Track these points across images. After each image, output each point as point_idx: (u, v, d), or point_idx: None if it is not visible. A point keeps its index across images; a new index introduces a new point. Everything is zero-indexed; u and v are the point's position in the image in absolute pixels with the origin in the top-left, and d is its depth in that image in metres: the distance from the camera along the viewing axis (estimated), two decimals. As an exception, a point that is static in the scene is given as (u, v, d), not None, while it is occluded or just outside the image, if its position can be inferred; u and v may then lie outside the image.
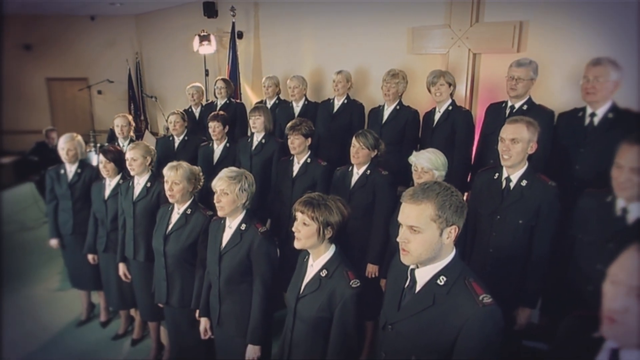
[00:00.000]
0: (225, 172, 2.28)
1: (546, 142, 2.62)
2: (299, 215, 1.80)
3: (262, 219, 2.95)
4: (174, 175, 2.56)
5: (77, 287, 3.88)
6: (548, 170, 2.48)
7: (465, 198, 2.78)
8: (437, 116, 3.23)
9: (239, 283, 2.25)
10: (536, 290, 2.22)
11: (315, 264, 1.85)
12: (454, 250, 1.46)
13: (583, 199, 2.06)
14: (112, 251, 3.28)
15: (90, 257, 3.48)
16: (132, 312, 3.67)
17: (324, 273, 1.80)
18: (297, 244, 1.82)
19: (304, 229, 1.78)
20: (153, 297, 2.82)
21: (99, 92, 8.54)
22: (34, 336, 3.68)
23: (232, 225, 2.30)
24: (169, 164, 2.62)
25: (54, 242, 3.69)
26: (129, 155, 2.98)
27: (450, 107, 3.21)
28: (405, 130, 3.38)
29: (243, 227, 2.27)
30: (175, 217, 2.66)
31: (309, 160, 3.10)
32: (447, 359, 1.37)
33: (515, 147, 2.13)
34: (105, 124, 7.33)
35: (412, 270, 1.48)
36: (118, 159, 3.23)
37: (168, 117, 4.04)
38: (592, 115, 2.51)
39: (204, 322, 2.47)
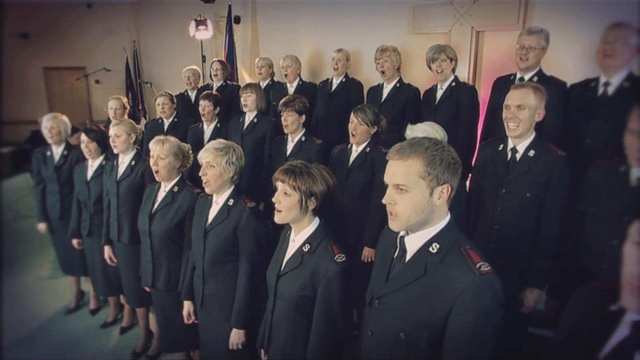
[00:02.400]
0: (211, 144, 2.13)
1: (557, 115, 2.44)
2: (279, 184, 1.64)
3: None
4: (160, 150, 2.41)
5: (67, 273, 3.75)
6: (558, 145, 2.30)
7: (467, 183, 2.60)
8: (439, 93, 3.05)
9: (225, 263, 2.09)
10: (545, 270, 2.04)
11: (297, 239, 1.70)
12: (449, 215, 1.29)
13: (594, 170, 1.89)
14: (96, 235, 3.14)
15: (74, 241, 3.34)
16: (122, 299, 3.53)
17: (306, 248, 1.64)
18: (278, 218, 1.65)
19: (285, 200, 1.62)
20: (139, 282, 2.67)
21: (97, 82, 8.40)
22: (21, 324, 3.55)
23: (219, 200, 2.14)
24: (155, 138, 2.47)
25: (42, 227, 3.57)
26: (112, 131, 2.83)
27: (453, 84, 3.02)
28: (406, 109, 3.21)
29: (230, 202, 2.11)
30: (161, 195, 2.51)
31: (303, 139, 2.94)
32: (439, 335, 1.20)
33: (522, 114, 1.95)
34: (103, 114, 7.20)
35: (402, 237, 1.32)
36: (101, 139, 3.08)
37: (156, 99, 3.89)
38: (606, 84, 2.33)
39: (187, 306, 2.32)
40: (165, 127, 3.90)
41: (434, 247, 1.25)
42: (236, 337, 2.06)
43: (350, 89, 3.61)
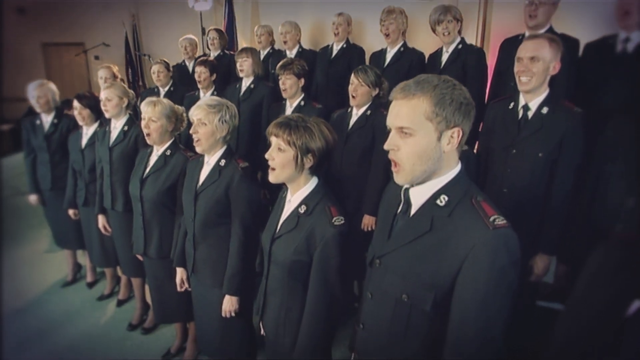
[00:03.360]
0: (204, 101, 2.02)
1: (570, 76, 2.29)
2: (273, 139, 1.51)
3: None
4: (151, 112, 2.29)
5: (62, 246, 3.68)
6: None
7: (475, 149, 2.47)
8: (444, 57, 2.90)
9: (216, 226, 1.99)
10: (557, 235, 1.92)
11: (293, 199, 1.57)
12: (459, 164, 1.15)
13: (612, 124, 1.75)
14: (92, 204, 3.04)
15: (71, 212, 3.26)
16: (119, 271, 3.46)
17: (302, 209, 1.51)
18: (271, 176, 1.52)
19: (279, 156, 1.49)
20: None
21: (96, 58, 8.24)
22: (17, 296, 3.50)
23: (210, 161, 2.03)
24: (147, 99, 2.35)
25: (33, 198, 3.48)
26: (103, 95, 2.71)
27: (460, 46, 2.87)
28: (410, 74, 3.03)
29: (222, 162, 2.00)
30: (153, 159, 2.40)
31: (302, 103, 2.81)
32: (446, 297, 1.08)
33: (535, 67, 1.81)
34: (103, 90, 7.09)
35: (406, 190, 1.18)
36: (94, 105, 2.95)
37: (151, 68, 3.75)
38: (626, 41, 2.17)
39: (179, 273, 2.23)
40: (162, 96, 3.77)
41: (442, 200, 1.11)
42: (229, 304, 1.96)
43: (351, 55, 3.46)
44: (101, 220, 2.93)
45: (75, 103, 2.98)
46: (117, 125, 2.78)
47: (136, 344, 2.95)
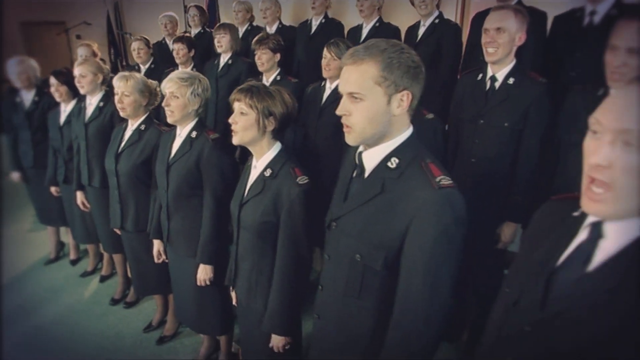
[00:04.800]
0: (175, 74, 2.02)
1: (538, 48, 2.32)
2: (236, 104, 1.55)
3: (230, 147, 2.72)
4: (124, 86, 2.29)
5: (45, 224, 3.69)
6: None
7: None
8: (421, 30, 2.91)
9: (189, 197, 2.02)
10: (523, 203, 1.97)
11: (258, 165, 1.61)
12: (411, 127, 1.19)
13: (571, 95, 1.80)
14: (72, 182, 3.04)
15: (52, 189, 3.27)
16: (101, 248, 3.49)
17: (268, 173, 1.56)
18: (235, 139, 1.57)
19: (242, 119, 1.53)
20: (113, 227, 2.62)
21: (78, 37, 8.08)
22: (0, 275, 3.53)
23: (182, 133, 2.05)
24: (119, 74, 2.35)
25: (15, 176, 3.48)
26: (77, 71, 2.69)
27: (436, 20, 2.88)
28: (386, 49, 3.06)
29: (194, 134, 2.02)
30: (128, 133, 2.41)
31: (278, 78, 2.81)
32: (396, 256, 1.13)
33: (501, 38, 1.83)
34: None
35: (360, 154, 1.22)
36: (72, 82, 2.93)
37: (131, 45, 3.72)
38: (592, 13, 2.20)
39: (156, 245, 2.27)
40: (142, 73, 3.73)
41: (393, 162, 1.15)
42: (203, 273, 2.01)
43: (330, 30, 3.43)
44: (79, 196, 2.94)
45: (52, 80, 2.96)
46: (92, 102, 2.77)
47: (118, 318, 3.01)
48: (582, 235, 0.91)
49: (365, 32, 3.15)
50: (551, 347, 0.88)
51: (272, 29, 3.75)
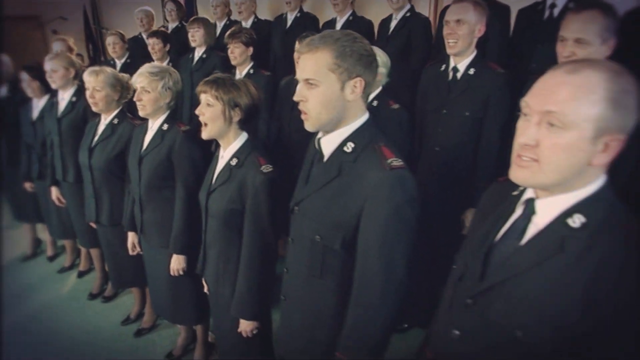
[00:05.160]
0: (146, 68, 2.04)
1: (501, 40, 2.40)
2: (202, 96, 1.60)
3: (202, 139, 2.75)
4: (94, 81, 2.30)
5: (20, 220, 3.68)
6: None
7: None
8: (393, 24, 2.97)
9: (161, 188, 2.05)
10: (484, 190, 2.05)
11: (225, 154, 1.66)
12: (366, 113, 1.25)
13: (528, 85, 1.87)
14: (46, 177, 3.04)
15: (27, 185, 3.26)
16: (78, 243, 3.49)
17: (234, 162, 1.61)
18: (204, 133, 1.62)
19: (208, 111, 1.58)
20: (89, 221, 2.63)
21: (54, 32, 7.95)
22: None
23: (154, 126, 2.08)
24: (89, 69, 2.35)
25: (-13, 173, 3.45)
26: (48, 66, 2.69)
27: (408, 14, 2.94)
28: (359, 42, 3.12)
29: (165, 127, 2.05)
30: (101, 128, 2.42)
31: (251, 71, 2.85)
32: (354, 236, 1.19)
33: (461, 29, 1.91)
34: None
35: (319, 139, 1.28)
36: (44, 77, 2.92)
37: (106, 40, 3.70)
38: (552, 6, 2.29)
39: (131, 237, 2.30)
40: (118, 68, 3.73)
41: (349, 147, 1.20)
42: (176, 263, 2.04)
43: (305, 25, 3.48)
44: (54, 192, 2.94)
45: (24, 75, 2.94)
46: (64, 97, 2.77)
47: (96, 312, 3.02)
48: (518, 211, 0.98)
49: (339, 25, 3.21)
50: (489, 319, 0.95)
51: (247, 24, 3.77)
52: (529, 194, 0.96)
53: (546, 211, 0.91)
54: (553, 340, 0.84)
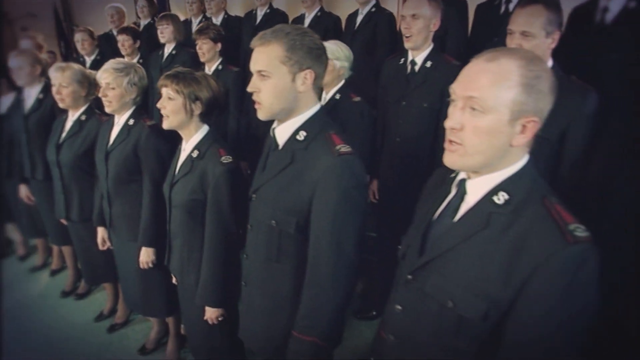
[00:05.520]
0: (110, 64, 2.06)
1: (459, 34, 2.50)
2: (163, 90, 1.64)
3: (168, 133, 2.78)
4: (61, 77, 2.31)
5: (-11, 221, 3.63)
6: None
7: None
8: (359, 19, 3.04)
9: (128, 182, 2.08)
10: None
11: (187, 147, 1.71)
12: (318, 103, 1.31)
13: None
14: (14, 176, 3.02)
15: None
16: (50, 241, 3.46)
17: (195, 154, 1.66)
18: (165, 123, 1.66)
19: (169, 104, 1.62)
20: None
21: (24, 29, 7.78)
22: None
23: (120, 121, 2.10)
24: (55, 65, 2.37)
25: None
26: (13, 63, 2.67)
27: (373, 9, 3.01)
28: (326, 38, 3.16)
29: (131, 122, 2.08)
30: (69, 124, 2.43)
31: (220, 67, 2.88)
32: (307, 220, 1.25)
33: (416, 24, 1.98)
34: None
35: (274, 129, 1.34)
36: (9, 74, 2.90)
37: (74, 36, 3.68)
38: (508, 1, 2.38)
39: (100, 232, 2.32)
40: (88, 65, 3.70)
41: (301, 135, 1.27)
42: (145, 255, 2.07)
43: (275, 21, 3.51)
44: (23, 190, 2.93)
45: (-12, 72, 2.91)
46: (31, 94, 2.77)
47: (69, 309, 3.02)
48: (453, 192, 1.05)
49: (307, 21, 3.26)
50: (425, 292, 1.02)
51: (217, 20, 3.79)
52: (461, 175, 1.04)
53: (475, 190, 0.98)
54: (480, 309, 0.92)
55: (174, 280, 1.95)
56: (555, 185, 1.71)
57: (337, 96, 2.20)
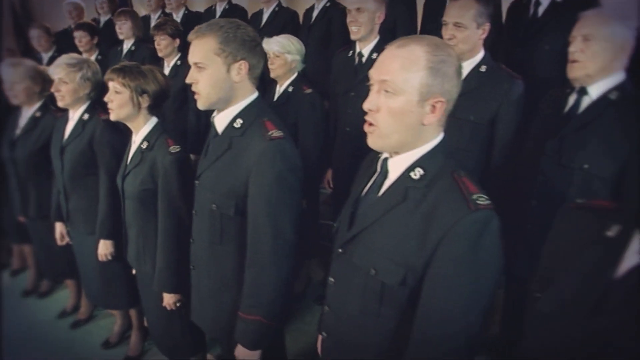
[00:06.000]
0: (63, 59, 2.08)
1: (409, 27, 2.60)
2: (110, 84, 1.69)
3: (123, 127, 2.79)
4: (13, 74, 2.31)
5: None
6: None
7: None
8: (315, 13, 3.12)
9: (84, 176, 2.11)
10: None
11: (136, 139, 1.76)
12: (255, 92, 1.39)
13: None
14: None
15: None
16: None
17: (144, 145, 1.72)
18: (112, 116, 1.71)
19: (116, 98, 1.67)
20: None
21: (-21, 28, 7.54)
22: None
23: (74, 116, 2.12)
24: (7, 61, 2.36)
25: None
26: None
27: (328, 4, 3.09)
28: (284, 32, 3.22)
29: (85, 117, 2.10)
30: (23, 121, 2.42)
31: (179, 63, 2.91)
32: (244, 202, 1.33)
33: (361, 17, 2.07)
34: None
35: (213, 118, 1.41)
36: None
37: (30, 32, 3.63)
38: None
39: (58, 227, 2.33)
40: (44, 62, 3.66)
41: (238, 123, 1.34)
42: (103, 247, 2.10)
43: (233, 17, 3.53)
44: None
45: None
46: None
47: (31, 309, 2.99)
48: (378, 170, 1.14)
49: (265, 16, 3.31)
50: (353, 263, 1.10)
51: (178, 16, 3.80)
52: (384, 155, 1.12)
53: (396, 168, 1.07)
54: (399, 275, 1.01)
55: (133, 271, 1.98)
56: (491, 165, 1.85)
57: (290, 88, 2.28)
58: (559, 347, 0.84)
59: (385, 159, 1.10)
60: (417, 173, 1.03)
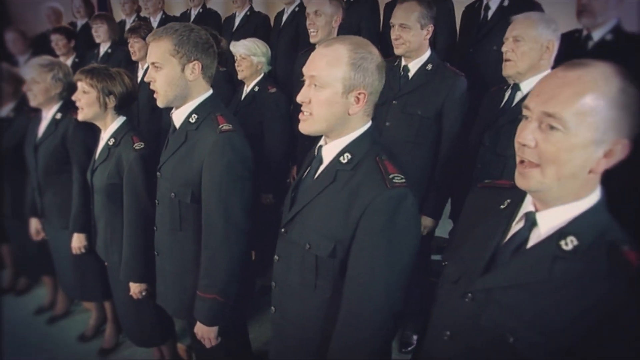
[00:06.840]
0: (36, 60, 2.20)
1: (372, 31, 2.74)
2: (78, 84, 1.79)
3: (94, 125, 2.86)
4: None
5: None
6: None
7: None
8: (284, 17, 3.24)
9: (58, 173, 2.20)
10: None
11: (104, 136, 1.87)
12: (210, 90, 1.51)
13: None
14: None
15: None
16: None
17: (111, 142, 1.83)
18: (80, 115, 1.82)
19: (84, 97, 1.78)
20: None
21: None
22: None
23: (47, 116, 2.22)
24: None
25: None
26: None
27: (296, 9, 3.22)
28: (256, 35, 3.35)
29: (58, 116, 2.20)
30: (-5, 122, 2.50)
31: (152, 65, 3.00)
32: (199, 191, 1.44)
33: (319, 20, 2.20)
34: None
35: (172, 114, 1.53)
36: None
37: (5, 36, 3.70)
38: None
39: (33, 223, 2.41)
40: (20, 66, 3.72)
41: (193, 118, 1.47)
42: (77, 241, 2.18)
43: (207, 21, 3.67)
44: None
45: None
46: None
47: (9, 307, 3.01)
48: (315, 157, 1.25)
49: (237, 20, 3.43)
50: (291, 240, 1.21)
51: (155, 20, 3.89)
52: (321, 143, 1.25)
53: (329, 154, 1.21)
54: (328, 248, 1.13)
55: (106, 263, 2.07)
56: (439, 156, 1.98)
57: (256, 88, 2.40)
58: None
59: (320, 147, 1.23)
60: (346, 157, 1.16)
